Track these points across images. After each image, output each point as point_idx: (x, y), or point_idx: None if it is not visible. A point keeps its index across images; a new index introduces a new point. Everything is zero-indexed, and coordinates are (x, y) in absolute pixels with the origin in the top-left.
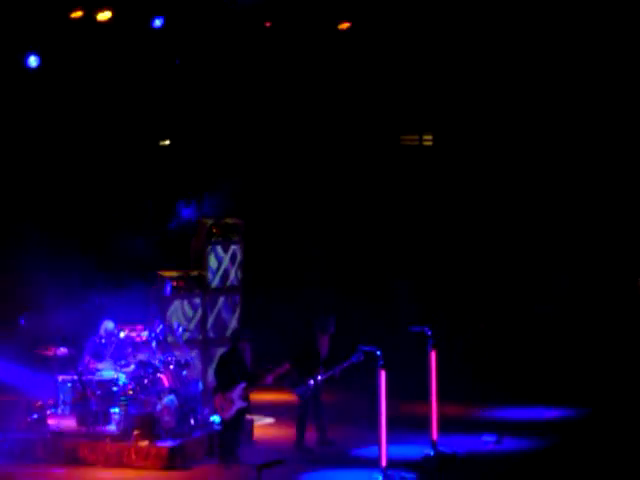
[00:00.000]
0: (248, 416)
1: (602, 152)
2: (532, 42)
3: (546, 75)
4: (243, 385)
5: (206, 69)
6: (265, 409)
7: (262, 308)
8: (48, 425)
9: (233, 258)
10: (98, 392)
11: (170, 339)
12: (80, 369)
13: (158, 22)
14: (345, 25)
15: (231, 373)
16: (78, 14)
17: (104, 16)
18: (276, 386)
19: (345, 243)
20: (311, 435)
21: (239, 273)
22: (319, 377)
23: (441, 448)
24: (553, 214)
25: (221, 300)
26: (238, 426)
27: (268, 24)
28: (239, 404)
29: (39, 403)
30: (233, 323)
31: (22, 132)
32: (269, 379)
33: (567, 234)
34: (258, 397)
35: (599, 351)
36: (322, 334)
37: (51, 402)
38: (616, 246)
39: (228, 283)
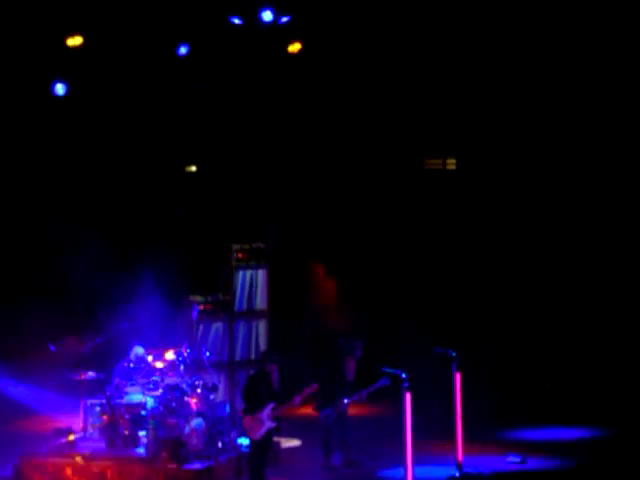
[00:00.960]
0: (275, 438)
1: (627, 177)
2: (555, 67)
3: (569, 101)
4: (272, 405)
5: (231, 95)
6: (292, 430)
7: (290, 331)
8: (78, 448)
9: (259, 282)
10: (127, 416)
11: (198, 363)
12: (109, 393)
13: (183, 49)
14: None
15: (259, 394)
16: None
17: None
18: (304, 407)
19: (370, 265)
20: (338, 456)
21: (265, 297)
22: (345, 400)
23: (467, 469)
24: (576, 237)
25: (248, 323)
26: (267, 447)
27: (294, 47)
28: (268, 424)
29: (68, 427)
30: (260, 346)
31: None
32: (297, 400)
33: (589, 256)
34: (286, 418)
35: (624, 371)
36: (349, 358)
37: (80, 426)
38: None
39: (255, 307)
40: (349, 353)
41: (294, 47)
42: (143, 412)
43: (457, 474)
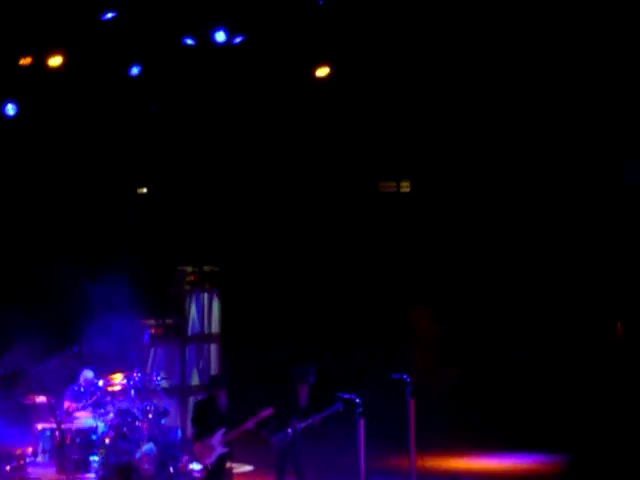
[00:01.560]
0: (228, 464)
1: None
2: (504, 89)
3: (525, 119)
4: (222, 431)
5: (182, 114)
6: (245, 455)
7: (241, 356)
8: (27, 473)
9: (211, 306)
10: (77, 440)
11: (149, 387)
12: (59, 417)
13: (135, 70)
14: (323, 72)
15: (208, 420)
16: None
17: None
18: (257, 432)
19: (322, 291)
20: None
21: (217, 321)
22: (297, 426)
23: None
24: (530, 260)
25: (199, 347)
26: (219, 473)
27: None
28: (219, 450)
29: (18, 451)
30: (212, 370)
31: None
32: (250, 424)
33: (545, 279)
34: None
35: (578, 396)
36: (302, 384)
37: (30, 450)
38: (594, 291)
39: (206, 331)
40: (302, 380)
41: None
42: (94, 437)
43: None
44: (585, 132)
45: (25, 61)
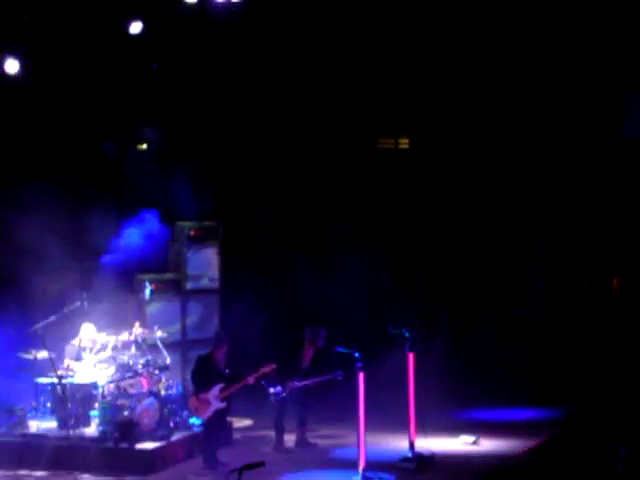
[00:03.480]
0: (228, 418)
1: (577, 152)
2: (506, 43)
3: (522, 75)
4: (220, 386)
5: (184, 73)
6: (244, 410)
7: (242, 310)
8: (28, 428)
9: (211, 260)
10: (78, 395)
11: (149, 342)
12: (60, 372)
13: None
14: (322, 29)
15: (207, 375)
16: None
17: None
18: (257, 387)
19: (320, 248)
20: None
21: (217, 276)
22: (295, 385)
23: (419, 449)
24: (529, 215)
25: (200, 302)
26: (218, 428)
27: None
28: (216, 405)
29: (19, 407)
30: (212, 325)
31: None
32: (251, 379)
33: (543, 234)
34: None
35: (577, 352)
36: (309, 344)
37: (32, 405)
38: (591, 248)
39: (207, 285)
40: (311, 341)
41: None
42: (94, 391)
43: (410, 454)
44: (584, 87)
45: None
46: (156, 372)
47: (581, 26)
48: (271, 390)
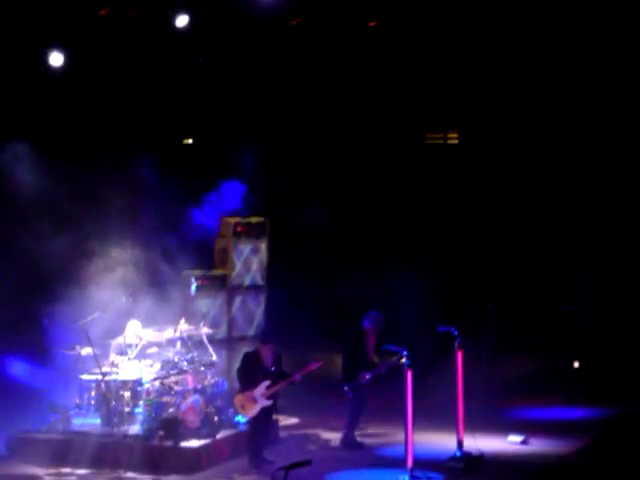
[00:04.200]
0: (274, 416)
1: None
2: (555, 41)
3: (571, 72)
4: (266, 384)
5: (230, 67)
6: (290, 408)
7: (288, 305)
8: (72, 425)
9: (258, 257)
10: (122, 392)
11: (195, 338)
12: (104, 369)
13: (182, 21)
14: (372, 22)
15: (253, 372)
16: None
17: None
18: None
19: (369, 244)
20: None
21: (264, 272)
22: (366, 376)
23: (468, 449)
24: (580, 211)
25: (246, 299)
26: (264, 426)
27: (295, 21)
28: (263, 403)
29: (64, 403)
30: (258, 322)
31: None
32: (298, 377)
33: (594, 231)
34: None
35: (627, 350)
36: (371, 333)
37: (76, 402)
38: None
39: (253, 282)
40: (374, 327)
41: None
42: (139, 388)
43: (458, 453)
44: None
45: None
46: (201, 369)
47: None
48: (346, 388)
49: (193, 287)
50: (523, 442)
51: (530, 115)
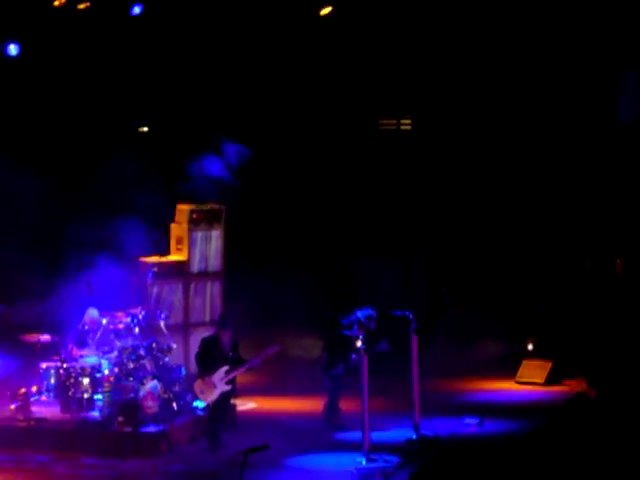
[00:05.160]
0: (231, 401)
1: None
2: (508, 26)
3: (524, 59)
4: (225, 369)
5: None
6: (248, 393)
7: (245, 291)
8: (32, 412)
9: (214, 243)
10: (81, 379)
11: (152, 325)
12: (63, 356)
13: (137, 9)
14: (326, 10)
15: (212, 358)
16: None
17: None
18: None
19: (321, 228)
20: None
21: (220, 259)
22: (353, 356)
23: (423, 431)
24: (528, 198)
25: (203, 285)
26: (223, 411)
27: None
28: (222, 388)
29: (22, 390)
30: (215, 308)
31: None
32: (256, 361)
33: (544, 218)
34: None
35: (581, 333)
36: (361, 327)
37: (34, 389)
38: (593, 229)
39: (210, 268)
40: (365, 324)
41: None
42: (98, 375)
43: (414, 436)
44: (579, 71)
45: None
46: (159, 355)
47: (575, 5)
48: (333, 372)
49: (150, 274)
50: (478, 424)
51: (483, 100)
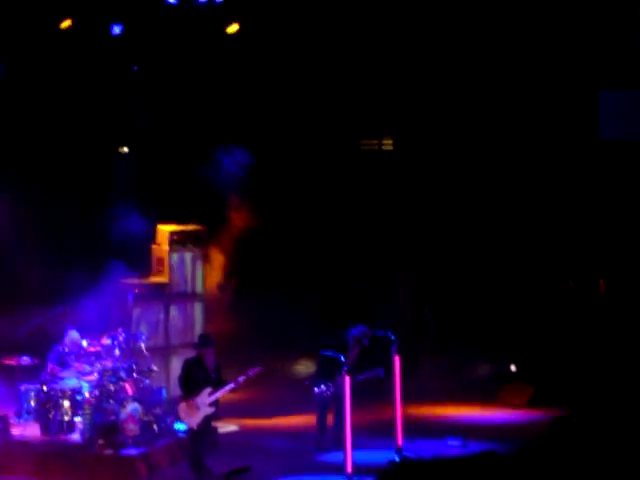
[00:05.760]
0: (212, 423)
1: (559, 150)
2: (490, 46)
3: (506, 79)
4: (208, 390)
5: (164, 75)
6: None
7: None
8: (11, 435)
9: (195, 264)
10: (62, 401)
11: (133, 347)
12: (43, 378)
13: (117, 29)
14: (307, 29)
15: (195, 379)
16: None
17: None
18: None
19: (305, 247)
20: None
21: (201, 280)
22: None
23: (406, 453)
24: (511, 217)
25: (184, 306)
26: (205, 433)
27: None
28: (205, 410)
29: (1, 413)
30: (196, 330)
31: None
32: (238, 383)
33: (527, 237)
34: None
35: (564, 354)
36: (355, 344)
37: (15, 411)
38: (577, 249)
39: (191, 290)
40: (359, 340)
41: (232, 28)
42: (78, 397)
43: (397, 458)
44: (560, 88)
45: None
46: (140, 377)
47: (554, 23)
48: (316, 390)
49: (130, 295)
50: (461, 445)
51: (465, 120)
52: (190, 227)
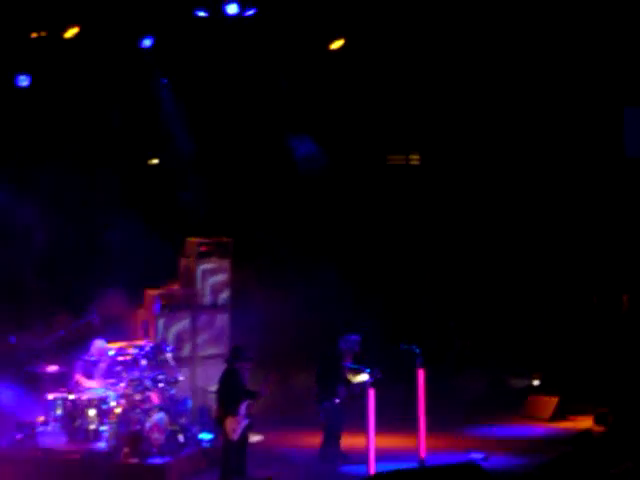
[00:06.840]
0: None
1: (586, 166)
2: (516, 62)
3: (532, 95)
4: (247, 403)
5: (194, 88)
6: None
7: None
8: (38, 443)
9: (222, 276)
10: (88, 410)
11: (159, 357)
12: (70, 387)
13: (147, 42)
14: (336, 44)
15: (235, 393)
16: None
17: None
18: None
19: (330, 263)
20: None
21: (228, 291)
22: (343, 394)
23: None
24: (537, 233)
25: (211, 318)
26: (244, 445)
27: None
28: (244, 422)
29: (29, 421)
30: (223, 341)
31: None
32: (265, 392)
33: (552, 253)
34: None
35: (588, 368)
36: (348, 354)
37: (41, 420)
38: (600, 265)
39: (217, 301)
40: (350, 350)
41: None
42: (105, 406)
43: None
44: (586, 105)
45: (39, 34)
46: (166, 387)
47: (581, 41)
48: (324, 406)
49: (157, 306)
50: (484, 459)
51: (491, 136)
52: (217, 239)
